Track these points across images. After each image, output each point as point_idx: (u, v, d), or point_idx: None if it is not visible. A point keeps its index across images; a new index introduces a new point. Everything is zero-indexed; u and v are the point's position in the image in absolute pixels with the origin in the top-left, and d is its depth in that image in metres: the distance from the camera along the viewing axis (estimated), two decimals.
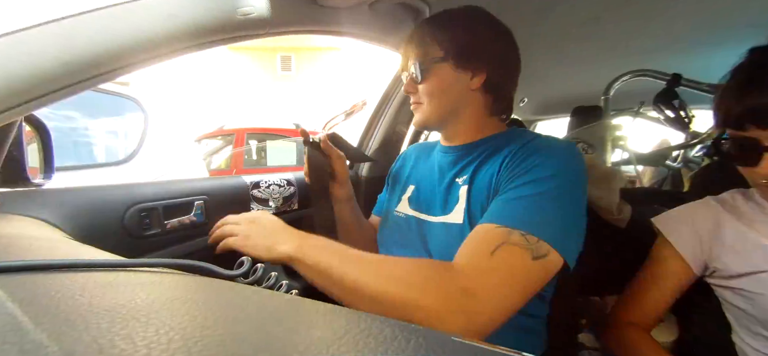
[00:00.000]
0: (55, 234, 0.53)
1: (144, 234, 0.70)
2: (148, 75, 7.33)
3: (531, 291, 0.50)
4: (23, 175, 0.60)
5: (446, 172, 0.69)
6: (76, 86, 0.46)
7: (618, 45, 1.21)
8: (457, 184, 0.65)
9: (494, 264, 0.48)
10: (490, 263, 0.48)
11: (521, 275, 0.48)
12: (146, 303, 0.23)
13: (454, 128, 0.70)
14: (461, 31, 0.65)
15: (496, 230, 0.51)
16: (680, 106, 1.39)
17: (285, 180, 1.02)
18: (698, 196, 0.73)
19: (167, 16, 0.51)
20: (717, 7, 0.95)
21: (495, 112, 0.69)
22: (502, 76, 0.67)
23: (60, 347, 0.16)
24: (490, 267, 0.48)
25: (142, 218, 0.70)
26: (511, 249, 0.49)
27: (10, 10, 0.42)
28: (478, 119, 0.68)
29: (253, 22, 0.61)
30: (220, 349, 0.17)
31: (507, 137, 0.66)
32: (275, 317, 0.24)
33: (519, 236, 0.50)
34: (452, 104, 0.66)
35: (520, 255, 0.49)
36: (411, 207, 0.72)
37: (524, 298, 0.49)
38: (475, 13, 0.67)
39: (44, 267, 0.28)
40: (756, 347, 0.62)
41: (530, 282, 0.49)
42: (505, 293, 0.47)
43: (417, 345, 0.20)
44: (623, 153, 1.66)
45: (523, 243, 0.49)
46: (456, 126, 0.69)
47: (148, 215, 0.71)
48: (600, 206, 0.89)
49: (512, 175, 0.57)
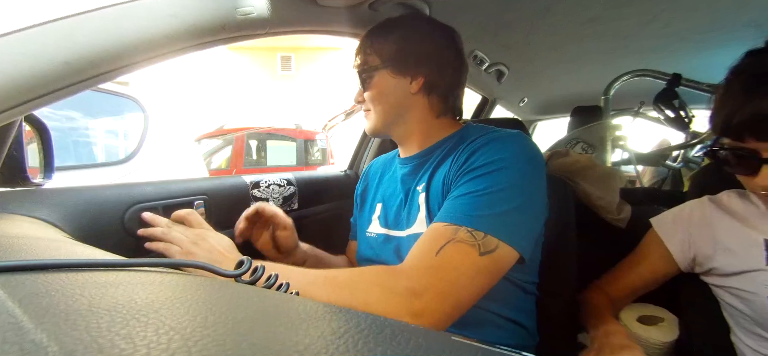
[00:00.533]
0: (55, 234, 0.53)
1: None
2: (148, 75, 7.33)
3: (482, 286, 0.50)
4: (23, 175, 0.60)
5: (407, 183, 0.70)
6: (76, 86, 0.46)
7: (618, 45, 1.21)
8: (417, 192, 0.66)
9: (438, 263, 0.49)
10: (434, 262, 0.49)
11: (468, 272, 0.49)
12: (146, 303, 0.23)
13: (404, 134, 0.70)
14: (396, 38, 0.66)
15: (443, 229, 0.52)
16: (680, 106, 1.39)
17: (285, 179, 1.01)
18: (698, 196, 0.73)
19: (167, 16, 0.51)
20: (717, 7, 0.95)
21: (443, 113, 0.70)
22: (441, 77, 0.67)
23: (60, 347, 0.16)
24: (434, 266, 0.49)
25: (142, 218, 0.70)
26: (456, 247, 0.49)
27: (10, 10, 0.42)
28: (426, 122, 0.69)
29: (253, 22, 0.61)
30: (220, 349, 0.17)
31: (460, 136, 0.67)
32: (275, 317, 0.24)
33: (465, 233, 0.50)
34: (395, 109, 0.68)
35: (466, 252, 0.49)
36: (381, 226, 0.72)
37: (475, 294, 0.50)
38: (413, 20, 0.70)
39: (44, 267, 0.28)
40: (754, 347, 0.62)
41: (479, 278, 0.50)
42: (450, 290, 0.48)
43: (417, 345, 0.20)
44: (623, 153, 1.66)
45: (469, 240, 0.50)
46: (405, 131, 0.70)
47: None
48: (600, 206, 0.90)
49: (460, 172, 0.57)
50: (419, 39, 0.67)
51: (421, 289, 0.47)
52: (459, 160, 0.59)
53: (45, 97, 0.44)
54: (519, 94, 1.87)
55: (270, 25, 0.64)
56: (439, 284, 0.48)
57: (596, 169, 0.92)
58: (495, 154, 0.56)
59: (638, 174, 2.02)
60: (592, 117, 1.62)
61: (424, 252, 0.51)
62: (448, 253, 0.49)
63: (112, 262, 0.33)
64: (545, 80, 1.71)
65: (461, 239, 0.50)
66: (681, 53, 1.29)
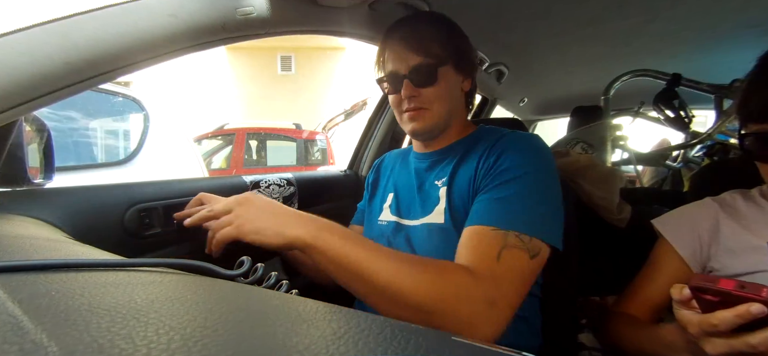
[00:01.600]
0: (55, 234, 0.53)
1: (144, 234, 0.70)
2: (148, 75, 7.34)
3: (529, 288, 0.52)
4: (23, 175, 0.60)
5: (423, 176, 0.71)
6: (76, 86, 0.46)
7: (618, 45, 1.21)
8: (436, 186, 0.67)
9: (503, 271, 0.50)
10: (499, 270, 0.50)
11: (525, 276, 0.51)
12: (146, 303, 0.23)
13: (444, 133, 0.69)
14: (457, 34, 0.67)
15: (492, 233, 0.52)
16: (680, 106, 1.39)
17: (285, 179, 1.00)
18: (698, 196, 0.73)
19: (167, 16, 0.51)
20: (717, 7, 0.95)
21: (468, 115, 0.73)
22: (476, 80, 0.71)
23: (60, 347, 0.16)
24: (501, 274, 0.49)
25: (142, 218, 0.70)
26: (511, 253, 0.50)
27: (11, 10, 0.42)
28: (461, 122, 0.71)
29: (253, 22, 0.61)
30: (220, 349, 0.17)
31: (476, 136, 0.68)
32: (275, 317, 0.24)
33: (514, 238, 0.51)
34: (454, 108, 0.68)
35: (520, 257, 0.51)
36: (392, 214, 0.73)
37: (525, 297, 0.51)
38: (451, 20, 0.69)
39: (44, 267, 0.28)
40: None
41: (530, 281, 0.52)
42: (515, 299, 0.50)
43: (417, 344, 0.20)
44: (623, 153, 1.66)
45: (520, 245, 0.51)
46: (447, 130, 0.69)
47: (148, 215, 0.71)
48: (600, 206, 0.90)
49: (492, 174, 0.58)
50: (465, 43, 0.68)
51: (497, 298, 0.48)
52: (488, 161, 0.60)
53: (45, 97, 0.44)
54: (519, 94, 1.87)
55: (270, 25, 0.64)
56: (509, 293, 0.49)
57: (596, 169, 0.92)
58: (523, 156, 0.59)
59: (638, 174, 2.02)
60: (592, 117, 1.62)
61: (485, 257, 0.51)
62: (508, 260, 0.50)
63: (112, 262, 0.33)
64: (545, 80, 1.71)
65: (513, 244, 0.51)
66: (681, 53, 1.29)
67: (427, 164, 0.72)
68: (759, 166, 0.61)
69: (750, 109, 0.58)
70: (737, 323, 0.40)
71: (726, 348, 0.43)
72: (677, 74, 1.32)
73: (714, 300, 0.42)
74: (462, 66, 0.66)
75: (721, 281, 0.41)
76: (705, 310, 0.44)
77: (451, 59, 0.64)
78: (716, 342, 0.44)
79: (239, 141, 5.14)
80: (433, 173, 0.69)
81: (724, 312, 0.41)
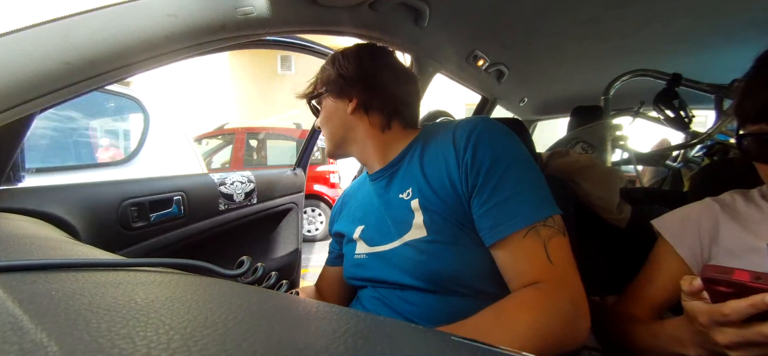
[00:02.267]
0: (55, 234, 0.53)
1: (133, 226, 0.79)
2: (149, 75, 7.33)
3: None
4: (21, 173, 0.60)
5: (384, 196, 0.70)
6: (76, 86, 0.46)
7: (618, 45, 1.21)
8: (404, 201, 0.65)
9: (561, 267, 0.52)
10: (558, 269, 0.52)
11: (570, 254, 0.54)
12: (146, 303, 0.23)
13: (361, 152, 0.75)
14: (332, 67, 0.74)
15: (525, 236, 0.53)
16: (680, 106, 1.39)
17: (246, 177, 1.16)
18: (698, 197, 0.73)
19: (167, 16, 0.51)
20: (717, 7, 0.95)
21: (386, 127, 0.73)
22: (374, 96, 0.72)
23: (60, 347, 0.16)
24: (559, 271, 0.52)
25: (131, 212, 0.79)
26: (552, 243, 0.53)
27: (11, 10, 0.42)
28: (374, 137, 0.73)
29: (253, 22, 0.61)
30: (220, 349, 0.17)
31: (423, 138, 0.69)
32: (275, 317, 0.24)
33: (542, 227, 0.53)
34: (341, 130, 0.74)
35: (560, 242, 0.54)
36: (367, 246, 0.71)
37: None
38: (352, 50, 0.75)
39: (44, 267, 0.28)
40: None
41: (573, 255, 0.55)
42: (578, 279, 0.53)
43: (417, 345, 0.20)
44: (623, 153, 1.66)
45: (551, 232, 0.53)
46: (360, 149, 0.74)
47: (136, 209, 0.80)
48: (600, 206, 0.90)
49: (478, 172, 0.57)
50: (348, 64, 0.73)
51: (572, 294, 0.50)
52: (465, 159, 0.59)
53: (45, 97, 0.44)
54: (519, 94, 1.87)
55: (270, 25, 0.64)
56: (574, 281, 0.52)
57: (596, 169, 0.92)
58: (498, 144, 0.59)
59: (638, 174, 2.02)
60: (592, 117, 1.62)
61: (542, 265, 0.52)
62: (555, 252, 0.52)
63: (112, 262, 0.33)
64: (545, 80, 1.71)
65: (548, 235, 0.53)
66: (681, 53, 1.29)
67: (382, 183, 0.71)
68: (757, 167, 0.61)
69: (747, 110, 0.58)
70: (750, 313, 0.40)
71: (737, 338, 0.43)
72: (677, 74, 1.32)
73: (727, 291, 0.42)
74: (339, 92, 0.72)
75: (737, 272, 0.41)
76: (715, 301, 0.44)
77: (329, 88, 0.73)
78: (727, 331, 0.44)
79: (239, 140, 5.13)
80: (393, 187, 0.68)
81: (737, 302, 0.41)
